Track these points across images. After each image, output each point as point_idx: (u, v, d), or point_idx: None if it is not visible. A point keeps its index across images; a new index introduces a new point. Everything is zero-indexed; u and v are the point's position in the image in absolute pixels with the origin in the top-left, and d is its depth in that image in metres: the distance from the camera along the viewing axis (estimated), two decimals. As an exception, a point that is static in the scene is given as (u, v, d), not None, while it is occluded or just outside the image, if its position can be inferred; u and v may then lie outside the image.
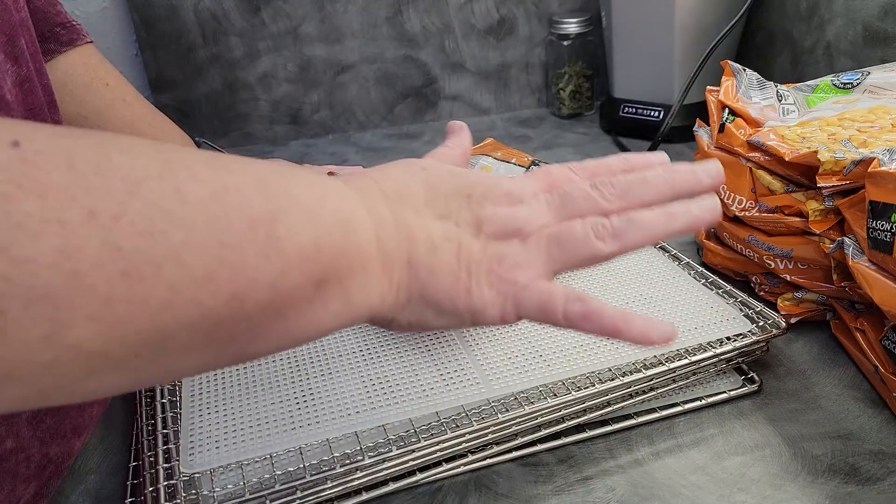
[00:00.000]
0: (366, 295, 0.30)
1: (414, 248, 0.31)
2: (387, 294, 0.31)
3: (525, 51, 1.03)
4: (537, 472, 0.41)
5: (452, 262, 0.32)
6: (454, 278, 0.32)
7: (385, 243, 0.31)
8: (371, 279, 0.30)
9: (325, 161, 0.92)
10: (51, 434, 0.39)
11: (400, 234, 0.31)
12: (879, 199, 0.41)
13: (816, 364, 0.48)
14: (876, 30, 0.71)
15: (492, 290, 0.32)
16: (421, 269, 0.31)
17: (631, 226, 0.32)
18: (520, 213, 0.33)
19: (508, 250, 0.32)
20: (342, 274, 0.29)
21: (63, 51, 0.61)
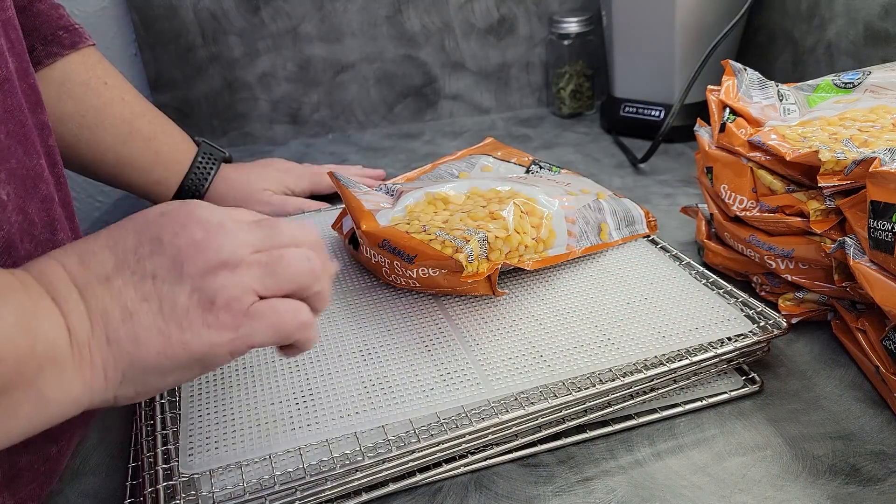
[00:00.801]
0: (64, 390, 0.29)
1: (109, 324, 0.30)
2: (92, 381, 0.30)
3: (525, 50, 1.03)
4: (537, 473, 0.41)
5: (157, 322, 0.30)
6: (163, 338, 0.30)
7: (77, 332, 0.30)
8: (67, 373, 0.29)
9: (325, 161, 0.91)
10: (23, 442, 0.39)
11: (92, 315, 0.30)
12: (881, 198, 0.40)
13: (817, 364, 0.48)
14: (877, 29, 0.71)
15: (211, 331, 0.31)
16: (123, 343, 0.30)
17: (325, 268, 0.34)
18: (223, 243, 0.32)
19: (218, 285, 0.31)
20: (29, 377, 0.28)
21: (65, 54, 0.61)
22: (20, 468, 0.39)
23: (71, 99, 0.62)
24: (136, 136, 0.66)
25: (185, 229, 0.32)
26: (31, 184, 0.41)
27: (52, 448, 0.41)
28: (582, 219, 0.55)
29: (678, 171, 0.80)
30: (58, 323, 0.29)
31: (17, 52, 0.43)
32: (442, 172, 0.66)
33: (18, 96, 0.41)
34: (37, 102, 0.44)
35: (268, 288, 0.32)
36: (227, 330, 0.31)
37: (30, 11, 0.59)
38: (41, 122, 0.44)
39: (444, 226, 0.50)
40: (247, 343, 0.32)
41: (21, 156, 0.41)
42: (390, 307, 0.50)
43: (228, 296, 0.31)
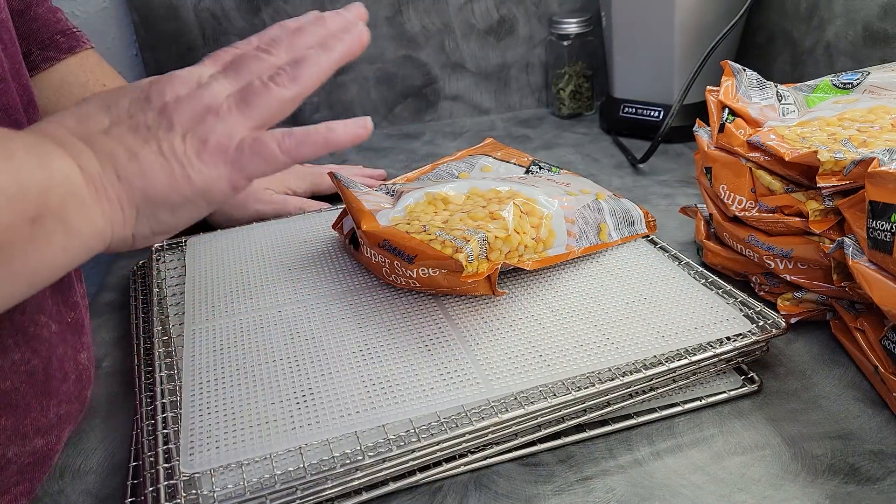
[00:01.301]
0: (89, 221, 0.32)
1: (116, 163, 0.33)
2: (112, 214, 0.33)
3: (525, 51, 1.03)
4: (537, 472, 0.41)
5: (159, 159, 0.33)
6: (168, 172, 0.33)
7: (88, 169, 0.32)
8: (87, 203, 0.32)
9: (325, 161, 0.92)
10: (7, 435, 0.39)
11: (99, 156, 0.33)
12: (879, 199, 0.41)
13: (816, 364, 0.48)
14: (876, 30, 0.71)
15: (209, 167, 0.34)
16: (132, 178, 0.33)
17: (300, 66, 0.36)
18: (203, 93, 0.35)
19: (207, 128, 0.34)
20: (55, 207, 0.30)
21: (63, 58, 0.62)
22: (8, 460, 0.39)
23: (70, 101, 0.62)
24: None
25: (169, 86, 0.35)
26: None
27: (39, 440, 0.41)
28: (581, 219, 0.55)
29: (677, 172, 0.80)
30: (68, 161, 0.32)
31: (10, 52, 0.43)
32: (442, 173, 0.66)
33: (13, 95, 0.41)
34: (29, 102, 0.44)
35: (250, 120, 0.35)
36: (223, 164, 0.34)
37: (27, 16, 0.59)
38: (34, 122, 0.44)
39: (444, 226, 0.50)
40: (242, 174, 0.35)
41: None
42: (390, 307, 0.50)
43: (218, 135, 0.34)
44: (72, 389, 0.44)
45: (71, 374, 0.44)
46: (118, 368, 0.53)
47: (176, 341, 0.49)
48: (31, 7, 0.60)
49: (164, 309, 0.53)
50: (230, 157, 0.34)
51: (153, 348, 0.49)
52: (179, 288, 0.56)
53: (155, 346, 0.49)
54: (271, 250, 0.60)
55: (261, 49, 0.37)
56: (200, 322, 0.50)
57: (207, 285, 0.55)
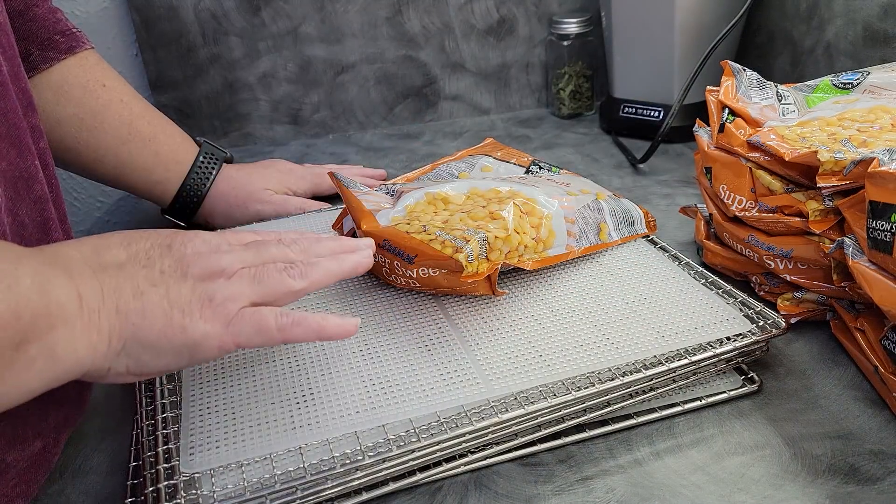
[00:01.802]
0: (72, 349, 0.32)
1: (120, 296, 0.34)
2: (97, 344, 0.33)
3: (525, 51, 1.03)
4: (537, 472, 0.41)
5: (163, 304, 0.35)
6: (167, 318, 0.34)
7: (88, 298, 0.33)
8: (76, 332, 0.32)
9: (325, 161, 0.92)
10: (7, 439, 0.39)
11: (105, 286, 0.34)
12: (879, 199, 0.41)
13: (816, 364, 0.48)
14: (876, 30, 0.71)
15: (206, 324, 0.35)
16: (131, 314, 0.34)
17: (313, 267, 0.39)
18: (222, 256, 0.37)
19: (217, 287, 0.36)
20: (42, 332, 0.31)
21: (62, 59, 0.62)
22: (7, 464, 0.39)
23: (70, 102, 0.62)
24: (136, 137, 0.66)
25: (192, 242, 0.38)
26: (23, 185, 0.42)
27: (38, 443, 0.41)
28: (581, 219, 0.55)
29: (677, 172, 0.80)
30: (70, 289, 0.33)
31: (9, 55, 0.43)
32: (442, 173, 0.66)
33: (12, 98, 0.41)
34: (28, 105, 0.44)
35: (256, 295, 0.37)
36: (220, 324, 0.35)
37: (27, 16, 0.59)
38: (33, 125, 0.44)
39: (444, 226, 0.50)
40: (234, 340, 0.36)
41: (14, 158, 0.41)
42: (390, 307, 0.50)
43: (224, 296, 0.36)
44: (72, 393, 0.44)
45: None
46: (118, 368, 0.53)
47: (176, 341, 0.49)
48: (31, 7, 0.60)
49: (164, 309, 0.53)
50: (228, 320, 0.36)
51: (153, 348, 0.49)
52: (179, 288, 0.56)
53: (155, 346, 0.49)
54: (271, 250, 0.60)
55: (282, 242, 0.40)
56: (200, 322, 0.50)
57: (207, 285, 0.55)
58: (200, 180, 0.70)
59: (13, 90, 0.42)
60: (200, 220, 0.72)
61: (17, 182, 0.41)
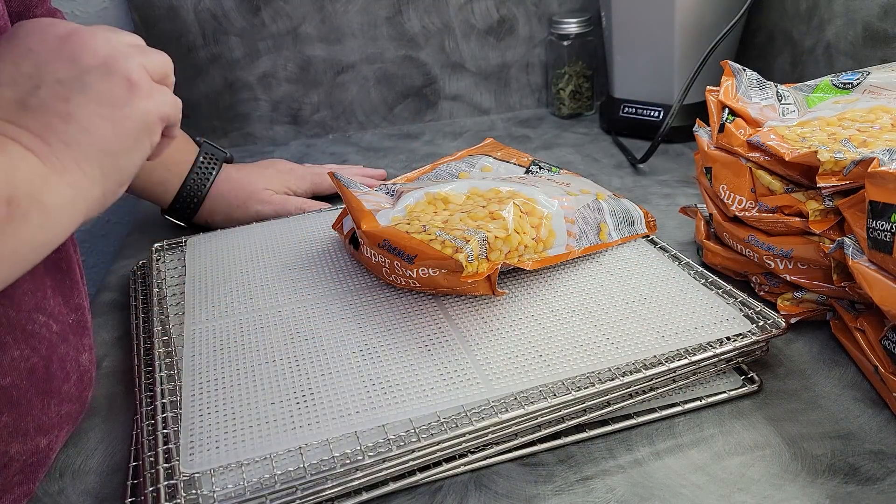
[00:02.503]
0: (59, 195, 0.33)
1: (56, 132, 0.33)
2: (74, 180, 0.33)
3: (525, 51, 1.03)
4: (537, 472, 0.41)
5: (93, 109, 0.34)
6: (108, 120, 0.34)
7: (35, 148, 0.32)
8: (51, 181, 0.32)
9: (325, 161, 0.92)
10: (9, 432, 0.39)
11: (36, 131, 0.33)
12: (879, 199, 0.41)
13: (816, 364, 0.48)
14: (876, 30, 0.71)
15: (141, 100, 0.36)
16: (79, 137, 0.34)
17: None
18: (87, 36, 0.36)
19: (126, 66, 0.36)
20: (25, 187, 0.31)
21: None
22: (11, 457, 0.39)
23: None
24: None
25: (43, 33, 0.35)
26: None
27: (42, 440, 0.41)
28: (581, 219, 0.55)
29: (677, 172, 0.80)
30: (15, 146, 0.32)
31: None
32: (442, 173, 0.66)
33: None
34: None
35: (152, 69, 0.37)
36: (150, 98, 0.36)
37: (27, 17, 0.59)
38: None
39: (444, 226, 0.50)
40: (163, 108, 0.37)
41: None
42: (390, 307, 0.50)
43: (137, 69, 0.36)
44: (73, 390, 0.44)
45: (72, 375, 0.44)
46: (118, 368, 0.53)
47: (176, 341, 0.49)
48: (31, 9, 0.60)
49: (164, 309, 0.53)
50: (153, 91, 0.36)
51: (153, 348, 0.49)
52: (179, 288, 0.56)
53: (155, 346, 0.49)
54: (271, 250, 0.60)
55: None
56: (200, 322, 0.50)
57: (207, 285, 0.55)
58: (200, 180, 0.70)
59: None
60: (201, 221, 0.72)
61: None
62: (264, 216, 0.70)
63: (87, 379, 0.46)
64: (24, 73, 0.34)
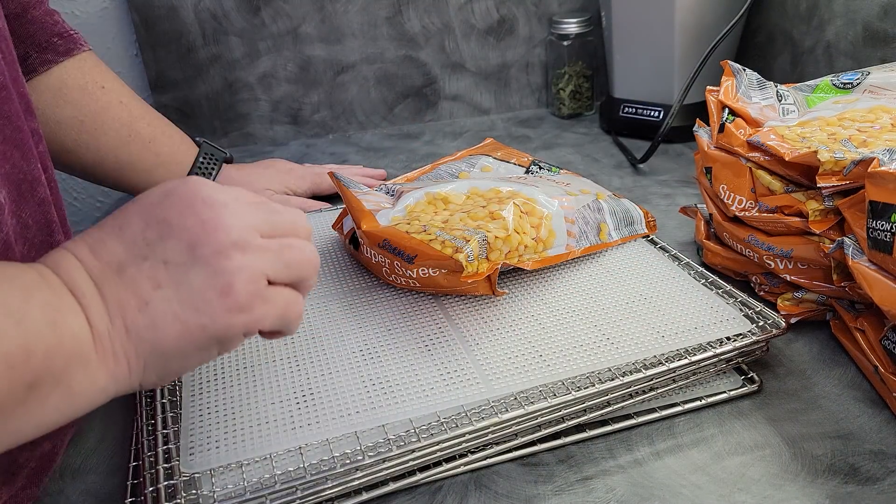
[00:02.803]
0: (90, 382, 0.30)
1: (126, 315, 0.31)
2: (116, 370, 0.31)
3: (525, 51, 1.03)
4: (537, 472, 0.41)
5: (173, 308, 0.31)
6: (181, 323, 0.31)
7: (97, 325, 0.30)
8: (91, 366, 0.30)
9: (325, 161, 0.92)
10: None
11: (110, 307, 0.31)
12: (879, 199, 0.41)
13: (816, 364, 0.48)
14: (876, 30, 0.71)
15: (229, 315, 0.31)
16: (142, 332, 0.31)
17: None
18: (230, 223, 0.32)
19: (234, 268, 0.31)
20: (58, 371, 0.29)
21: (60, 61, 0.62)
22: (19, 464, 0.39)
23: (69, 104, 0.62)
24: (136, 138, 0.66)
25: (191, 209, 0.32)
26: (27, 188, 0.42)
27: (47, 444, 0.41)
28: (581, 219, 0.55)
29: (677, 172, 0.80)
30: (80, 318, 0.30)
31: (9, 60, 0.43)
32: (442, 173, 0.66)
33: (15, 103, 0.42)
34: (28, 109, 0.44)
35: (277, 274, 0.33)
36: (244, 313, 0.32)
37: (24, 19, 0.60)
38: (33, 129, 0.44)
39: (444, 226, 0.50)
40: (258, 325, 0.33)
41: (18, 160, 0.41)
42: (390, 307, 0.50)
43: (246, 279, 0.32)
44: None
45: None
46: (118, 368, 0.53)
47: (176, 341, 0.49)
48: (28, 10, 0.60)
49: (164, 309, 0.53)
50: (253, 305, 0.32)
51: (153, 348, 0.49)
52: (179, 288, 0.56)
53: (155, 346, 0.49)
54: (271, 250, 0.60)
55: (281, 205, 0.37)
56: (200, 322, 0.50)
57: (207, 285, 0.55)
58: (201, 181, 0.70)
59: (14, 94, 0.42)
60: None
61: (20, 185, 0.41)
62: (264, 216, 0.70)
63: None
64: (146, 237, 0.32)
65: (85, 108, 0.63)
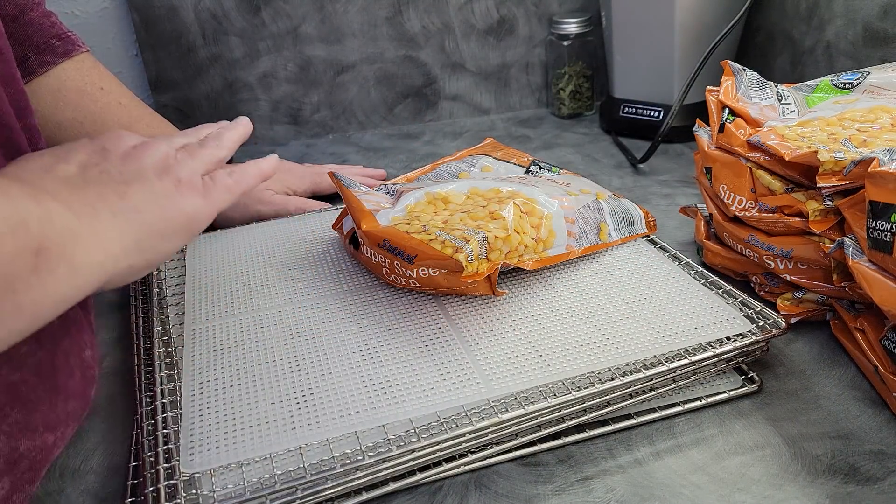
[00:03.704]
0: (89, 256, 0.34)
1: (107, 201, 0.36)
2: (109, 246, 0.35)
3: (525, 51, 1.03)
4: (537, 472, 0.41)
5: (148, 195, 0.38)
6: (160, 206, 0.38)
7: (80, 210, 0.34)
8: (84, 240, 0.33)
9: (325, 161, 0.92)
10: (19, 428, 0.39)
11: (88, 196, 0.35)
12: (879, 199, 0.41)
13: (816, 364, 0.48)
14: (876, 30, 0.71)
15: (193, 199, 0.39)
16: (128, 212, 0.36)
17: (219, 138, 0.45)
18: (153, 144, 0.41)
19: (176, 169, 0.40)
20: (57, 240, 0.32)
21: (59, 62, 0.62)
22: (21, 454, 0.39)
23: (68, 106, 0.62)
24: None
25: (120, 139, 0.40)
26: None
27: (50, 436, 0.41)
28: (581, 219, 0.55)
29: (677, 172, 0.80)
30: (57, 203, 0.33)
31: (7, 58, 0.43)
32: (442, 173, 0.66)
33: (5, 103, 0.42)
34: (24, 107, 0.44)
35: (202, 167, 0.42)
36: (199, 196, 0.40)
37: (21, 21, 0.60)
38: (29, 126, 0.44)
39: (444, 226, 0.50)
40: (215, 205, 0.41)
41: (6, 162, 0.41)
42: (390, 307, 0.50)
43: (187, 173, 0.40)
44: (78, 386, 0.44)
45: (76, 371, 0.44)
46: (118, 368, 0.53)
47: (176, 341, 0.49)
48: (26, 12, 0.60)
49: (164, 309, 0.53)
50: (201, 191, 0.40)
51: (153, 348, 0.49)
52: (179, 288, 0.56)
53: (155, 346, 0.49)
54: (271, 250, 0.60)
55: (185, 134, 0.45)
56: (200, 322, 0.50)
57: (207, 285, 0.55)
58: (200, 181, 0.70)
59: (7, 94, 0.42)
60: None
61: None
62: (264, 216, 0.70)
63: (90, 375, 0.46)
64: (93, 161, 0.38)
65: (84, 110, 0.63)
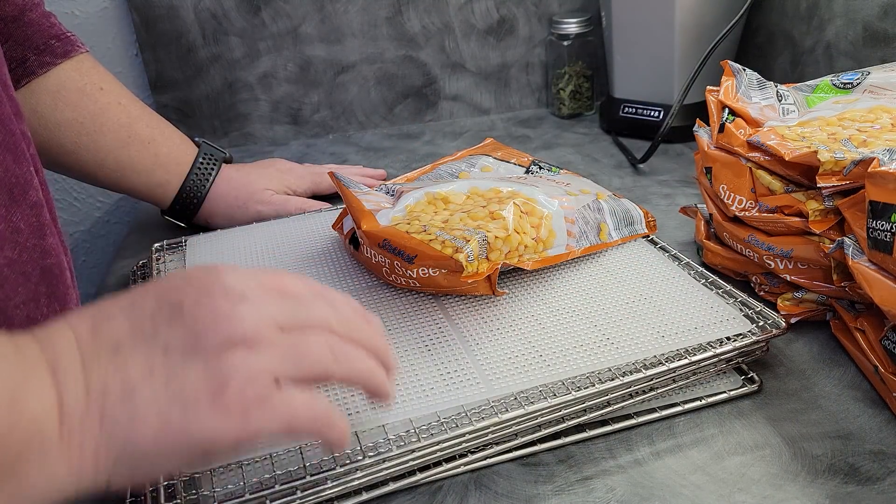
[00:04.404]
0: (47, 477, 0.27)
1: (106, 400, 0.28)
2: (81, 465, 0.27)
3: (525, 51, 1.03)
4: (537, 472, 0.41)
5: (158, 401, 0.28)
6: (162, 421, 0.28)
7: (69, 405, 0.27)
8: (51, 457, 0.27)
9: (325, 161, 0.92)
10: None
11: (91, 388, 0.28)
12: (879, 199, 0.41)
13: (816, 364, 0.48)
14: (876, 30, 0.71)
15: (217, 419, 0.28)
16: (119, 420, 0.28)
17: (354, 359, 0.32)
18: (245, 315, 0.29)
19: (235, 365, 0.29)
20: (10, 459, 0.26)
21: (58, 63, 0.62)
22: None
23: (67, 106, 0.62)
24: (135, 139, 0.66)
25: (208, 297, 0.30)
26: (19, 192, 0.42)
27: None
28: (581, 219, 0.55)
29: (677, 172, 0.80)
30: (48, 399, 0.27)
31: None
32: (442, 173, 0.66)
33: (5, 106, 0.41)
34: (17, 111, 0.44)
35: (286, 373, 0.30)
36: (235, 418, 0.28)
37: (21, 21, 0.60)
38: (23, 131, 0.44)
39: (444, 226, 0.50)
40: (253, 436, 0.29)
41: (10, 164, 0.41)
42: (390, 307, 0.50)
43: (242, 378, 0.28)
44: None
45: None
46: (118, 368, 0.53)
47: (176, 341, 0.49)
48: (25, 13, 0.60)
49: (164, 309, 0.53)
50: (247, 411, 0.28)
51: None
52: (179, 288, 0.56)
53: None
54: (271, 250, 0.60)
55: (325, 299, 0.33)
56: (200, 322, 0.50)
57: (207, 285, 0.55)
58: (200, 181, 0.70)
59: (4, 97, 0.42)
60: (201, 221, 0.72)
61: (13, 189, 0.41)
62: (264, 216, 0.70)
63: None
64: (154, 319, 0.29)
65: (84, 110, 0.63)
